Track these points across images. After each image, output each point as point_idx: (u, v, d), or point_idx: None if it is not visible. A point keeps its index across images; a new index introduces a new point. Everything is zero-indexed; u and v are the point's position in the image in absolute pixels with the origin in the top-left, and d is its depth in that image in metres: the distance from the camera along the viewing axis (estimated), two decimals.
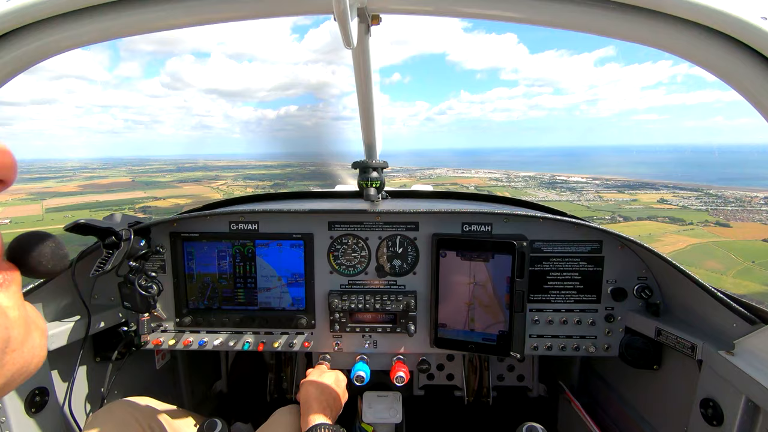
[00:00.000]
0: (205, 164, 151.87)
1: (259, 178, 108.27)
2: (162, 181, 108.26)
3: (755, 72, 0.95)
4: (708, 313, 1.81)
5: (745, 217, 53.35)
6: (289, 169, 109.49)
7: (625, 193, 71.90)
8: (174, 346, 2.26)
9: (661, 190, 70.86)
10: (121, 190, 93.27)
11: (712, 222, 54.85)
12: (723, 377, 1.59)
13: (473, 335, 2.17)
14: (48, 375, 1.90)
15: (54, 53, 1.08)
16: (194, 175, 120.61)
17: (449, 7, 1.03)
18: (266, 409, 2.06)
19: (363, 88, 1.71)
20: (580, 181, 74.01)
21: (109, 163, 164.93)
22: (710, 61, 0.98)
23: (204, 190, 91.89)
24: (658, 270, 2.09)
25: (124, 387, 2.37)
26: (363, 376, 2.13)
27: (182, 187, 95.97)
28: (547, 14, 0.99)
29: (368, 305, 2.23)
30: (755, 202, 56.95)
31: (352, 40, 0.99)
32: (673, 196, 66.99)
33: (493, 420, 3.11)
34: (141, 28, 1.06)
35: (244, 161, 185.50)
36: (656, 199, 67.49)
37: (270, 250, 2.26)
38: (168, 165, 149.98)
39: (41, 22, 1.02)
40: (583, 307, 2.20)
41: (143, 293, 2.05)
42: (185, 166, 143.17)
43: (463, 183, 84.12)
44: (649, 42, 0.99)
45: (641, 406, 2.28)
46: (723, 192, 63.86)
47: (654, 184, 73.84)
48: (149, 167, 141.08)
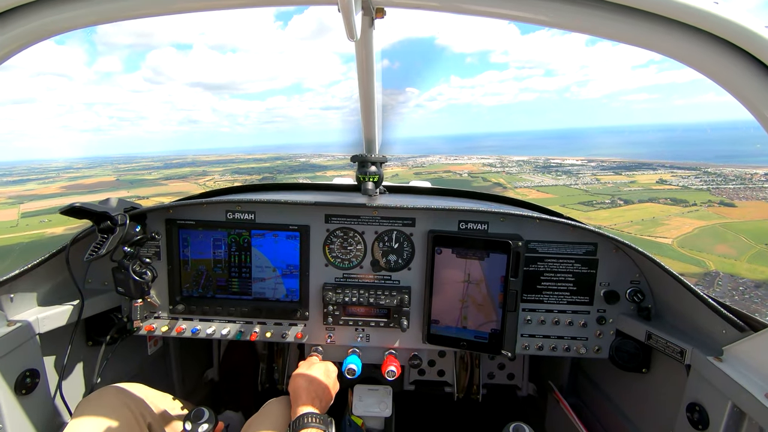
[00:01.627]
0: (193, 160, 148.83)
1: (247, 172, 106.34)
2: (148, 179, 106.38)
3: (756, 80, 0.95)
4: (698, 318, 1.82)
5: (749, 195, 51.24)
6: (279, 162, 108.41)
7: (623, 175, 70.20)
8: (167, 333, 2.26)
9: (659, 170, 69.44)
10: (104, 190, 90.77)
11: (716, 202, 52.87)
12: (710, 382, 1.61)
13: (465, 332, 2.18)
14: (39, 357, 1.90)
15: (50, 35, 1.06)
16: (182, 171, 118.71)
17: (454, 4, 1.02)
18: (257, 399, 2.07)
19: (365, 82, 1.70)
20: (575, 164, 72.65)
21: (95, 162, 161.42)
22: (712, 68, 0.98)
23: (191, 188, 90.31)
24: (651, 274, 2.10)
25: (116, 372, 2.37)
26: (354, 369, 2.14)
27: (168, 185, 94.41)
28: (554, 15, 0.98)
29: (362, 299, 2.23)
30: (756, 179, 54.99)
31: (355, 33, 0.99)
32: (671, 176, 65.33)
33: (482, 417, 3.14)
34: (139, 11, 1.04)
35: (233, 155, 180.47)
36: (655, 179, 66.06)
37: (266, 240, 2.26)
38: (155, 162, 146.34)
39: (35, 3, 1.00)
40: (576, 308, 2.22)
41: (137, 279, 2.04)
42: (173, 163, 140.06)
43: (456, 170, 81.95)
44: (652, 46, 0.99)
45: (629, 408, 2.31)
46: (721, 170, 62.32)
47: (650, 164, 72.31)
48: (136, 165, 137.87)
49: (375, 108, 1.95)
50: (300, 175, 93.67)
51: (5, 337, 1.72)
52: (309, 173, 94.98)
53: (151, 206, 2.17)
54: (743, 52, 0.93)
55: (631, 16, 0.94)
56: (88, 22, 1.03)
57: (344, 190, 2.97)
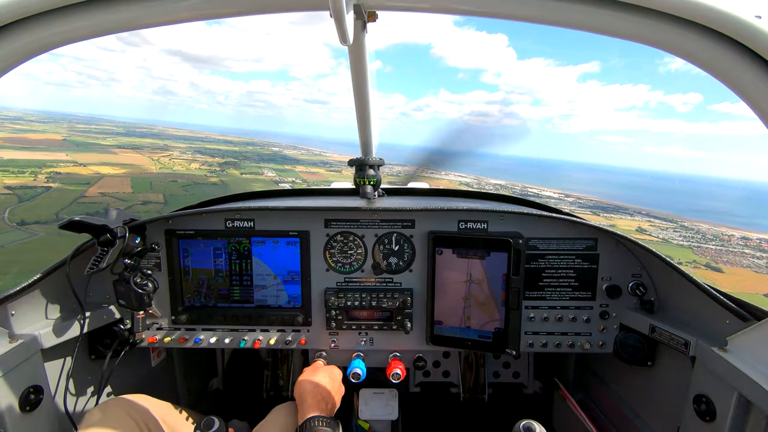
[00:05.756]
0: (160, 132, 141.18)
1: (210, 153, 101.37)
2: (99, 144, 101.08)
3: (748, 68, 0.96)
4: (701, 310, 1.82)
5: (732, 260, 49.30)
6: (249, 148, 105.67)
7: (601, 216, 67.20)
8: (170, 344, 2.26)
9: (636, 216, 67.96)
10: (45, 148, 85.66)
11: (702, 264, 49.79)
12: (716, 373, 1.61)
13: (469, 332, 2.17)
14: (43, 373, 1.89)
15: (47, 48, 1.06)
16: (141, 141, 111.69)
17: (445, 4, 1.03)
18: (263, 407, 2.05)
19: (359, 86, 1.71)
20: (552, 197, 71.37)
21: (52, 118, 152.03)
22: (702, 57, 0.98)
23: (143, 161, 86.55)
24: (653, 267, 2.11)
25: (120, 385, 2.36)
26: (359, 373, 2.13)
27: (117, 154, 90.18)
28: (546, 12, 0.98)
29: (364, 303, 2.23)
30: (735, 242, 53.08)
31: (348, 37, 0.99)
32: (650, 225, 63.21)
33: (489, 417, 3.12)
34: (138, 23, 1.05)
35: (204, 134, 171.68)
36: (634, 227, 63.58)
37: (266, 247, 2.25)
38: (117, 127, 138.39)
39: (34, 17, 1.01)
40: (579, 304, 2.22)
41: (138, 291, 2.04)
42: (137, 131, 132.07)
43: (433, 185, 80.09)
44: (644, 39, 0.99)
45: (635, 402, 2.30)
46: (697, 225, 60.92)
47: (627, 209, 71.36)
48: (95, 127, 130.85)
49: (370, 111, 1.95)
50: (267, 165, 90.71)
51: (8, 353, 1.71)
52: (278, 164, 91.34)
53: (150, 218, 2.17)
54: (735, 42, 0.94)
55: (623, 10, 0.95)
56: (86, 34, 1.04)
57: (343, 195, 2.97)
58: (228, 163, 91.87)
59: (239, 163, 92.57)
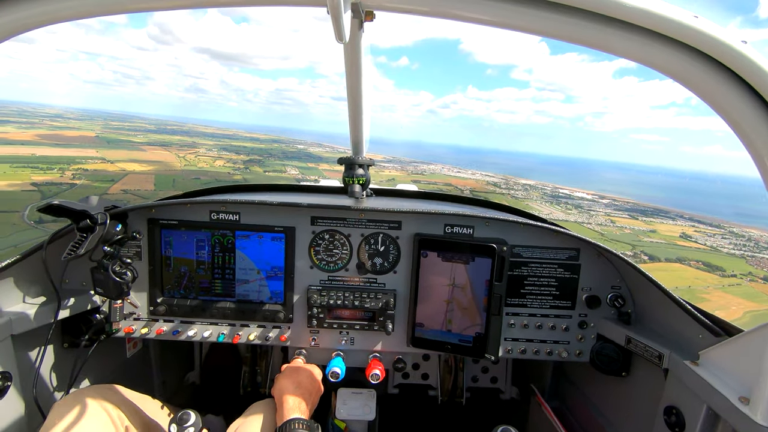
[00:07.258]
0: (190, 129, 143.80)
1: (235, 150, 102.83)
2: (131, 141, 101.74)
3: (732, 91, 0.98)
4: (676, 324, 1.87)
5: None
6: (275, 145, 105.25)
7: (640, 220, 61.75)
8: (146, 335, 2.21)
9: (678, 221, 61.76)
10: (78, 145, 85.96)
11: (760, 277, 44.15)
12: (687, 386, 1.65)
13: (450, 336, 2.19)
14: (12, 359, 1.83)
15: (50, 22, 1.03)
16: (170, 138, 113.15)
17: (444, 9, 1.03)
18: (239, 403, 2.03)
19: (352, 85, 1.70)
20: (585, 198, 66.06)
21: (88, 115, 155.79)
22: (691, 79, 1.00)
23: (168, 158, 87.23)
24: (632, 280, 2.15)
25: (93, 375, 2.31)
26: (338, 372, 2.13)
27: (147, 151, 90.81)
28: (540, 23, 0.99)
29: (347, 302, 2.22)
30: None
31: (344, 35, 0.99)
32: (695, 231, 56.71)
33: (466, 420, 3.15)
34: (141, 5, 1.02)
35: (233, 131, 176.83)
36: (677, 233, 57.50)
37: (250, 242, 2.23)
38: (149, 125, 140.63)
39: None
40: (558, 312, 2.25)
41: (116, 279, 1.99)
42: (167, 129, 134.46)
43: (458, 184, 75.98)
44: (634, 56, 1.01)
45: (609, 411, 2.35)
46: (747, 232, 54.39)
47: (668, 212, 65.31)
48: (128, 124, 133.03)
49: (363, 110, 1.95)
50: (291, 162, 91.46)
51: None
52: (302, 162, 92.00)
53: (132, 205, 2.12)
54: (721, 65, 0.96)
55: (615, 26, 0.96)
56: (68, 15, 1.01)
57: (331, 193, 2.95)
58: (252, 161, 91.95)
59: (264, 161, 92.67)
